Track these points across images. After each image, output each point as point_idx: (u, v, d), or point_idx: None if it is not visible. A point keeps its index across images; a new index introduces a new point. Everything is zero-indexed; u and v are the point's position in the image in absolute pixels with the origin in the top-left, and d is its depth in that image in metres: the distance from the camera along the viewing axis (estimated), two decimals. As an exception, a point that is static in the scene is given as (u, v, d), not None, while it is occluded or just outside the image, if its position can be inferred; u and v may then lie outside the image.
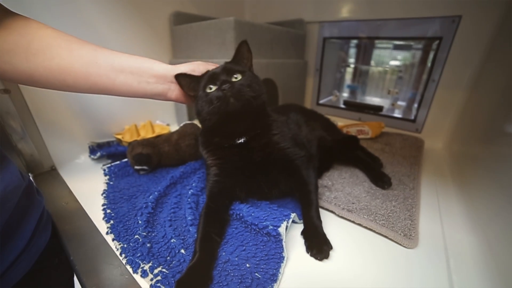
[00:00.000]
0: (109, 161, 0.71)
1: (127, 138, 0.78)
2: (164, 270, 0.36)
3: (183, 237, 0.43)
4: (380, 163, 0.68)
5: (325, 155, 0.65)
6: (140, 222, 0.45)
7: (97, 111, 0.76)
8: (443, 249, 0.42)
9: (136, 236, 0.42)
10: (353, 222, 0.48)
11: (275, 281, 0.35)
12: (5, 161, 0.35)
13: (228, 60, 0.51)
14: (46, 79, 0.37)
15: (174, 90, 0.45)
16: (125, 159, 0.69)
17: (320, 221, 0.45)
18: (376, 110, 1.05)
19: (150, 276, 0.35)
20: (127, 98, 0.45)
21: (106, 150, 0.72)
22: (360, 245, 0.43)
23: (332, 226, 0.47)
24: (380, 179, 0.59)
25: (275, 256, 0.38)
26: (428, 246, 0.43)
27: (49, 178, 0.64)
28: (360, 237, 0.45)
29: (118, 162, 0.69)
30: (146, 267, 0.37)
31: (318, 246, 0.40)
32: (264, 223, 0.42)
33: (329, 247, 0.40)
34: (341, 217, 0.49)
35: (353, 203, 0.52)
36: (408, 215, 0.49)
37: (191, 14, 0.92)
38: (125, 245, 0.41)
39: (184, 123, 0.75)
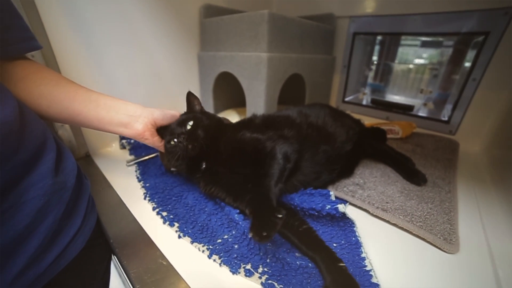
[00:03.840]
0: (132, 157, 0.70)
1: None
2: (266, 269, 0.36)
3: None
4: (412, 163, 0.65)
5: (354, 148, 0.63)
6: (214, 222, 0.46)
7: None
8: (488, 257, 0.40)
9: (218, 240, 0.42)
10: (387, 222, 0.46)
11: (360, 246, 0.39)
12: (65, 149, 0.40)
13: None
14: (23, 102, 0.39)
15: (141, 123, 0.47)
16: (148, 157, 0.69)
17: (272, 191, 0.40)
18: (405, 109, 1.00)
19: (257, 274, 0.35)
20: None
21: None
22: (395, 247, 0.42)
23: (366, 225, 0.45)
24: (415, 175, 0.57)
25: (346, 225, 0.43)
26: (471, 253, 0.40)
27: (84, 164, 0.67)
28: (394, 238, 0.43)
29: (142, 160, 0.68)
30: (248, 266, 0.37)
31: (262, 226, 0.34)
32: (320, 204, 0.43)
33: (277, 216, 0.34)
34: (375, 216, 0.48)
35: (387, 203, 0.50)
36: (446, 219, 0.46)
37: (220, 7, 0.91)
38: (211, 247, 0.40)
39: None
